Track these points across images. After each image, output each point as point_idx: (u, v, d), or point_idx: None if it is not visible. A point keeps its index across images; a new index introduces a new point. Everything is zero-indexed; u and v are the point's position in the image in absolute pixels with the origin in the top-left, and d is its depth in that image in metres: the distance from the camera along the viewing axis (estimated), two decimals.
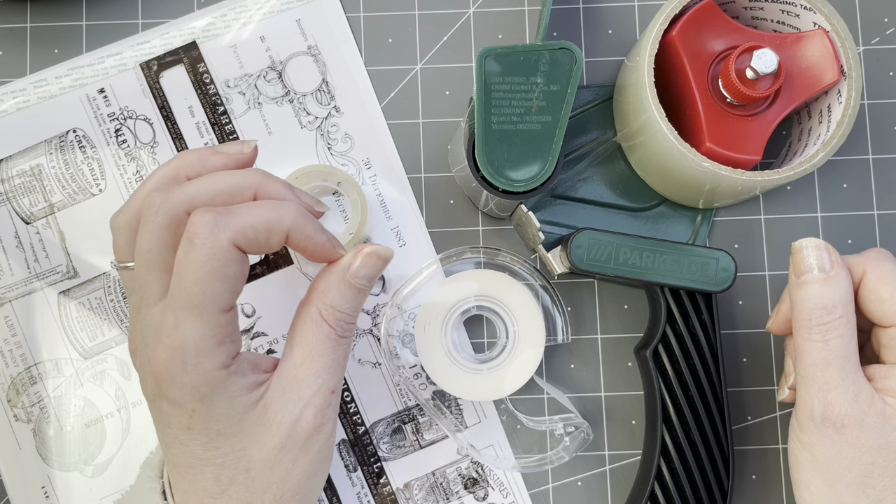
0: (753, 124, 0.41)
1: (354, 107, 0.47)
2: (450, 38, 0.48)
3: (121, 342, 0.46)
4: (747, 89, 0.40)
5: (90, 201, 0.47)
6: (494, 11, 0.48)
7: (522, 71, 0.39)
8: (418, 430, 0.45)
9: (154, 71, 0.47)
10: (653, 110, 0.40)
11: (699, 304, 0.42)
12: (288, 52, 0.47)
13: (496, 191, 0.40)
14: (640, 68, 0.41)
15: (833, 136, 0.40)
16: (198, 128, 0.47)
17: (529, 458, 0.44)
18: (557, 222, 0.46)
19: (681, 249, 0.41)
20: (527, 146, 0.39)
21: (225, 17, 0.47)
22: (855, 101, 0.40)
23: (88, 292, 0.46)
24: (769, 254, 0.47)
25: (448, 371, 0.43)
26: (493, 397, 0.43)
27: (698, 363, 0.41)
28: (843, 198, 0.47)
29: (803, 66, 0.41)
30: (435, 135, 0.47)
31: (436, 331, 0.43)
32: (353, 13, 0.48)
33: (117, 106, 0.47)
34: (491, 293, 0.44)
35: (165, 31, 0.47)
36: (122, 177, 0.47)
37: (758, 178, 0.40)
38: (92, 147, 0.47)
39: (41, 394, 0.45)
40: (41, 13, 0.48)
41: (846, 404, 0.35)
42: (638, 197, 0.47)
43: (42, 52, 0.48)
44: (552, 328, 0.44)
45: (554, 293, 0.45)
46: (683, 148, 0.40)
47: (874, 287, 0.37)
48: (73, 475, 0.45)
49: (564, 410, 0.45)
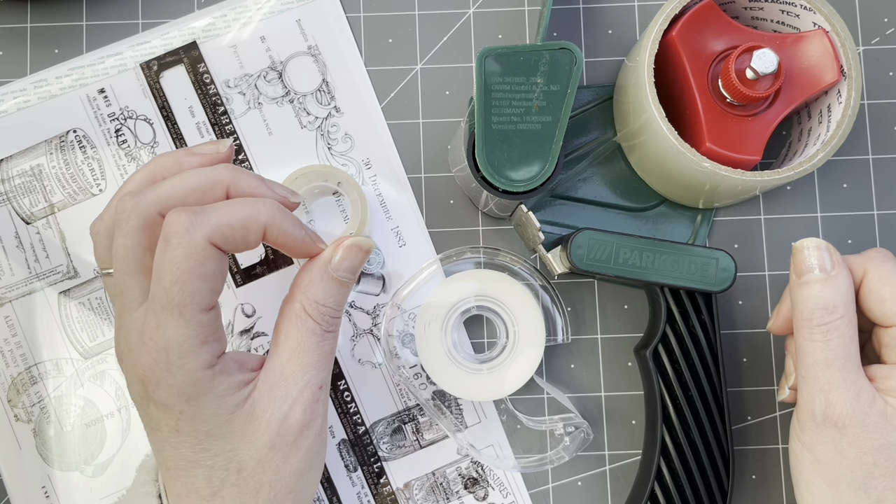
0: (753, 124, 0.41)
1: (354, 107, 0.47)
2: (450, 38, 0.48)
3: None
4: (747, 89, 0.40)
5: (90, 201, 0.47)
6: (494, 11, 0.48)
7: (522, 71, 0.39)
8: (418, 430, 0.45)
9: (154, 71, 0.47)
10: (653, 110, 0.40)
11: (699, 304, 0.42)
12: (288, 53, 0.47)
13: (496, 191, 0.40)
14: (640, 68, 0.41)
15: (833, 136, 0.40)
16: (198, 128, 0.47)
17: (529, 457, 0.44)
18: (557, 222, 0.46)
19: (681, 249, 0.41)
20: (527, 146, 0.39)
21: (225, 18, 0.47)
22: (855, 101, 0.40)
23: (89, 292, 0.46)
24: (769, 254, 0.47)
25: (448, 371, 0.43)
26: (494, 397, 0.43)
27: (698, 363, 0.41)
28: (843, 198, 0.47)
29: (803, 66, 0.41)
30: (435, 135, 0.47)
31: (436, 331, 0.43)
32: (353, 13, 0.48)
33: (117, 106, 0.47)
34: (491, 293, 0.44)
35: (166, 32, 0.47)
36: (122, 177, 0.47)
37: (758, 179, 0.40)
38: (92, 147, 0.47)
39: (41, 394, 0.45)
40: (41, 13, 0.48)
41: (848, 404, 0.35)
42: (638, 197, 0.47)
43: (42, 52, 0.48)
44: (552, 328, 0.44)
45: (554, 293, 0.45)
46: (683, 148, 0.40)
47: (875, 287, 0.37)
48: (73, 475, 0.45)
49: (564, 410, 0.45)
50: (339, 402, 0.46)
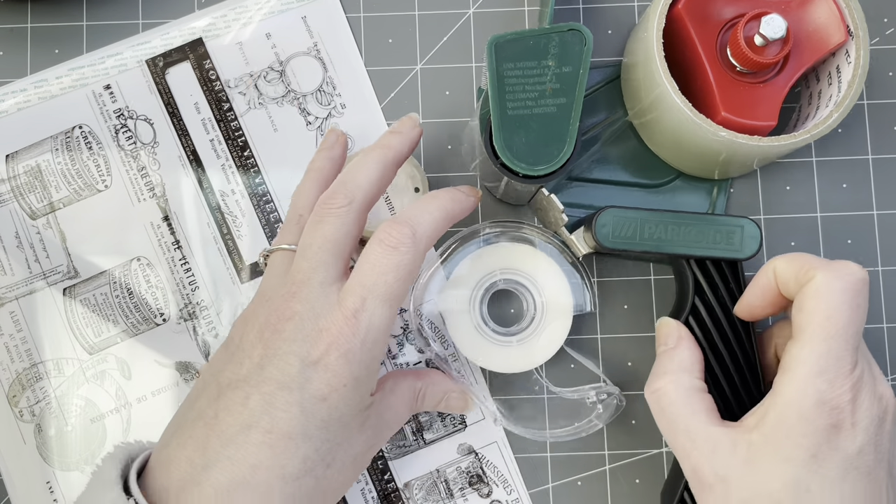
0: (765, 90, 0.42)
1: (355, 107, 0.47)
2: (450, 38, 0.48)
3: (126, 338, 0.46)
4: (757, 56, 0.40)
5: (94, 198, 0.46)
6: (494, 12, 0.48)
7: (533, 55, 0.39)
8: (418, 431, 0.45)
9: (160, 67, 0.47)
10: (665, 84, 0.40)
11: (726, 273, 0.42)
12: (289, 53, 0.47)
13: (517, 176, 0.40)
14: (648, 44, 0.41)
15: (845, 97, 0.41)
16: (203, 124, 0.47)
17: (563, 428, 0.44)
18: (575, 203, 0.46)
19: (705, 219, 0.41)
20: (544, 129, 0.39)
21: (225, 18, 0.47)
22: (864, 59, 0.41)
23: (93, 288, 0.46)
24: (769, 254, 0.47)
25: (479, 345, 0.43)
26: (524, 368, 0.43)
27: (730, 332, 0.41)
28: (843, 198, 0.47)
29: (810, 29, 0.42)
30: (435, 135, 0.47)
31: (464, 307, 0.44)
32: (353, 13, 0.48)
33: (123, 102, 0.47)
34: (516, 266, 0.44)
35: (166, 32, 0.47)
36: (127, 173, 0.47)
37: (775, 144, 0.40)
38: (98, 143, 0.47)
39: (46, 389, 0.45)
40: (42, 13, 0.48)
41: (707, 463, 0.36)
42: (653, 173, 0.47)
43: (43, 52, 0.47)
44: (580, 298, 0.44)
45: (579, 263, 0.45)
46: (699, 119, 0.40)
47: (806, 295, 0.35)
48: (73, 475, 0.45)
49: (596, 379, 0.45)
50: None
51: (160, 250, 0.46)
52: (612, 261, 0.47)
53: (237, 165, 0.47)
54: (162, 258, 0.46)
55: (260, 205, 0.47)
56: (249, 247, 0.47)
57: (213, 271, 0.46)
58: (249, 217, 0.47)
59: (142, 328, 0.46)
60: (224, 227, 0.47)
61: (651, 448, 0.46)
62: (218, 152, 0.47)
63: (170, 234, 0.46)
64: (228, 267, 0.46)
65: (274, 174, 0.47)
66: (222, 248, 0.46)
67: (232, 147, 0.47)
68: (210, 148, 0.47)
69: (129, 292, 0.46)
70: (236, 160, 0.47)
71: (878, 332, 0.46)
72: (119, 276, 0.46)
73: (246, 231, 0.46)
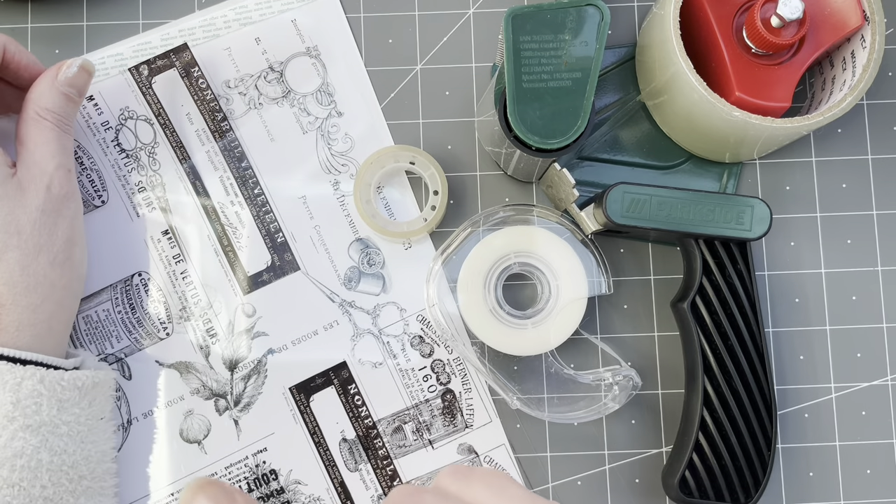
0: (780, 72, 0.42)
1: (355, 107, 0.47)
2: (450, 38, 0.48)
3: (131, 353, 0.46)
4: (773, 37, 0.40)
5: (92, 214, 0.46)
6: (494, 12, 0.48)
7: (550, 29, 0.39)
8: (419, 430, 0.46)
9: (145, 76, 0.46)
10: (681, 63, 0.40)
11: (734, 253, 0.42)
12: (288, 53, 0.47)
13: (529, 149, 0.40)
14: (665, 22, 0.41)
15: (860, 81, 0.41)
16: (198, 135, 0.47)
17: (578, 411, 0.44)
18: (586, 181, 0.46)
19: (716, 198, 0.41)
20: (558, 103, 0.39)
21: (225, 18, 0.47)
22: (879, 44, 0.41)
23: (95, 305, 0.46)
24: (769, 248, 0.47)
25: (494, 328, 0.44)
26: (539, 351, 0.43)
27: (737, 312, 0.42)
28: (843, 198, 0.47)
29: (826, 12, 0.42)
30: (435, 135, 0.47)
31: (479, 290, 0.44)
32: (353, 13, 0.48)
33: (110, 114, 0.46)
34: (530, 249, 0.44)
35: (166, 32, 0.47)
36: (124, 187, 0.46)
37: (788, 125, 0.40)
38: (89, 158, 0.46)
39: None
40: (42, 14, 0.48)
41: None
42: (664, 155, 0.47)
43: (43, 52, 0.47)
44: (593, 279, 0.44)
45: (592, 244, 0.45)
46: (713, 98, 0.40)
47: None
48: None
49: (612, 362, 0.45)
50: (348, 403, 0.46)
51: (161, 264, 0.46)
52: (612, 262, 0.47)
53: (235, 177, 0.46)
54: (163, 272, 0.46)
55: (260, 215, 0.46)
56: (249, 257, 0.46)
57: (214, 282, 0.46)
58: (250, 228, 0.46)
59: (145, 343, 0.46)
60: (224, 238, 0.46)
61: (651, 448, 0.46)
62: (215, 164, 0.46)
63: (170, 248, 0.46)
64: (230, 279, 0.46)
65: (273, 181, 0.47)
66: (223, 260, 0.46)
67: (229, 158, 0.46)
68: (207, 160, 0.46)
69: (131, 308, 0.46)
70: (234, 171, 0.46)
71: (878, 332, 0.46)
72: (121, 292, 0.46)
73: (246, 242, 0.46)
